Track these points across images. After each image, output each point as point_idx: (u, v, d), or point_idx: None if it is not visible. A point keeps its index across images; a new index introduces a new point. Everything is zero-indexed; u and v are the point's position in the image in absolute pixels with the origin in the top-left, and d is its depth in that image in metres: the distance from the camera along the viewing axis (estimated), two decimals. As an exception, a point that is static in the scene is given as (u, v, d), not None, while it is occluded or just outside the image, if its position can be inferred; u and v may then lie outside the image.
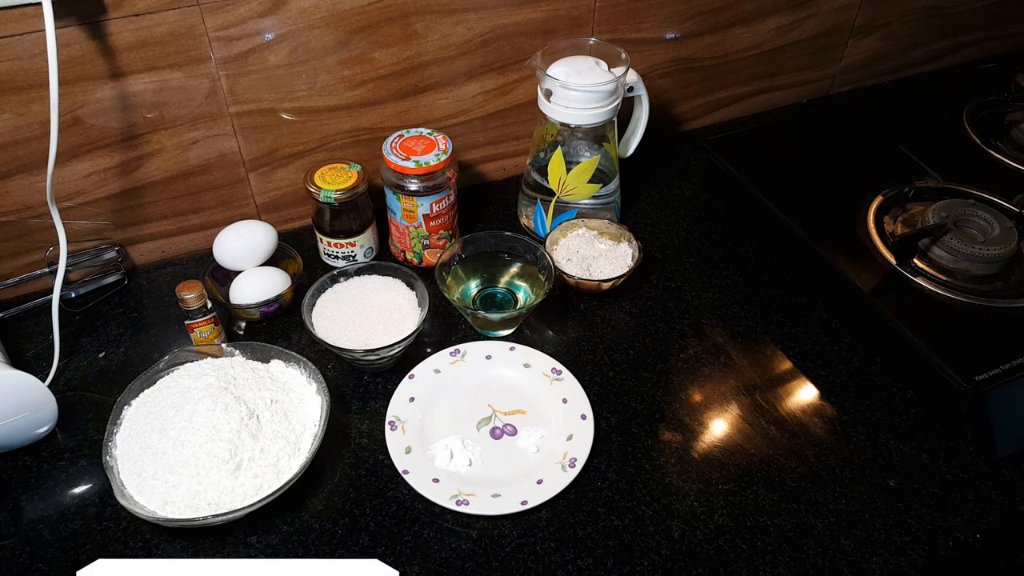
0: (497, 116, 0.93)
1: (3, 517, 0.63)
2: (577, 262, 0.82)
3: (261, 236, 0.80)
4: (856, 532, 0.63)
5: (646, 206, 0.96)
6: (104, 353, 0.76)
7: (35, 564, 0.60)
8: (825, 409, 0.72)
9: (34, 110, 0.70)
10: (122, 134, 0.76)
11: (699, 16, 0.96)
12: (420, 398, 0.71)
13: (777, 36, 1.04)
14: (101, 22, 0.68)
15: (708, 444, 0.69)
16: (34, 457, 0.67)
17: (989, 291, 0.77)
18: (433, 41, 0.83)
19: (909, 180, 0.87)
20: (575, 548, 0.62)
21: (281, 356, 0.71)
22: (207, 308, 0.72)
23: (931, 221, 0.80)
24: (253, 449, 0.63)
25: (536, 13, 0.86)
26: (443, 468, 0.66)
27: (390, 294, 0.76)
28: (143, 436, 0.63)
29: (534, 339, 0.78)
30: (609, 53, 0.82)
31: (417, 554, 0.61)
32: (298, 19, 0.76)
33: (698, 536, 0.63)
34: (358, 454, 0.68)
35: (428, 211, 0.80)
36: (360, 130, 0.87)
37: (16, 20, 0.65)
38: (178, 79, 0.74)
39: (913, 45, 1.17)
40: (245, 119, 0.80)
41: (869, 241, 0.82)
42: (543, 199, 0.87)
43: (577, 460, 0.66)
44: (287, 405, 0.67)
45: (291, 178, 0.87)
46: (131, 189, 0.80)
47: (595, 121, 0.80)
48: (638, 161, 0.93)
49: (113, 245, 0.82)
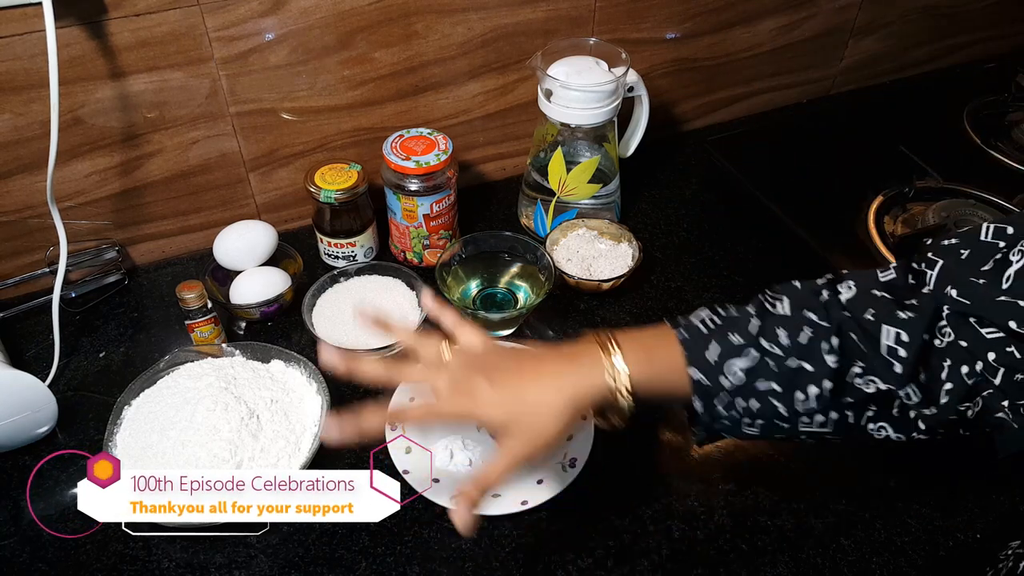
0: (497, 116, 0.93)
1: (3, 517, 0.63)
2: (577, 262, 0.82)
3: (261, 236, 0.80)
4: (856, 532, 0.63)
5: (646, 206, 0.96)
6: (104, 353, 0.76)
7: (35, 564, 0.60)
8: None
9: (34, 110, 0.70)
10: (122, 134, 0.76)
11: (699, 16, 0.96)
12: (420, 398, 0.71)
13: (777, 36, 1.04)
14: (101, 22, 0.68)
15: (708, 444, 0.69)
16: (34, 457, 0.67)
17: (989, 291, 0.77)
18: (433, 41, 0.83)
19: (909, 180, 0.87)
20: (575, 548, 0.62)
21: (281, 356, 0.71)
22: (207, 308, 0.72)
23: (931, 221, 0.80)
24: (253, 449, 0.63)
25: (536, 13, 0.86)
26: (443, 468, 0.66)
27: (390, 294, 0.76)
28: (143, 436, 0.63)
29: (534, 339, 0.78)
30: (609, 53, 0.82)
31: (417, 554, 0.61)
32: (298, 19, 0.76)
33: (698, 536, 0.63)
34: (358, 454, 0.68)
35: (428, 211, 0.80)
36: (360, 130, 0.87)
37: (16, 20, 0.65)
38: (178, 79, 0.74)
39: (913, 45, 1.17)
40: (245, 119, 0.80)
41: (869, 241, 0.82)
42: (543, 199, 0.87)
43: (577, 460, 0.66)
44: (287, 405, 0.67)
45: (291, 178, 0.87)
46: (131, 189, 0.80)
47: (595, 121, 0.80)
48: (638, 161, 0.93)
49: (113, 245, 0.82)
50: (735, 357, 0.51)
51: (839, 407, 0.51)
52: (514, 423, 0.52)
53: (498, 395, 0.52)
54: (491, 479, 0.51)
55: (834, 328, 0.50)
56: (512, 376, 0.53)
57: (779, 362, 0.50)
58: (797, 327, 0.51)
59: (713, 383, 0.51)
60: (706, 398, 0.52)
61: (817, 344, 0.50)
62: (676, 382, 0.52)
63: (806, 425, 0.51)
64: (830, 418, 0.51)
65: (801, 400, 0.50)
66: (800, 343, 0.50)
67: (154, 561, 0.60)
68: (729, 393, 0.51)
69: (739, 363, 0.51)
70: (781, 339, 0.51)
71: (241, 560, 0.60)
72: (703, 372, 0.51)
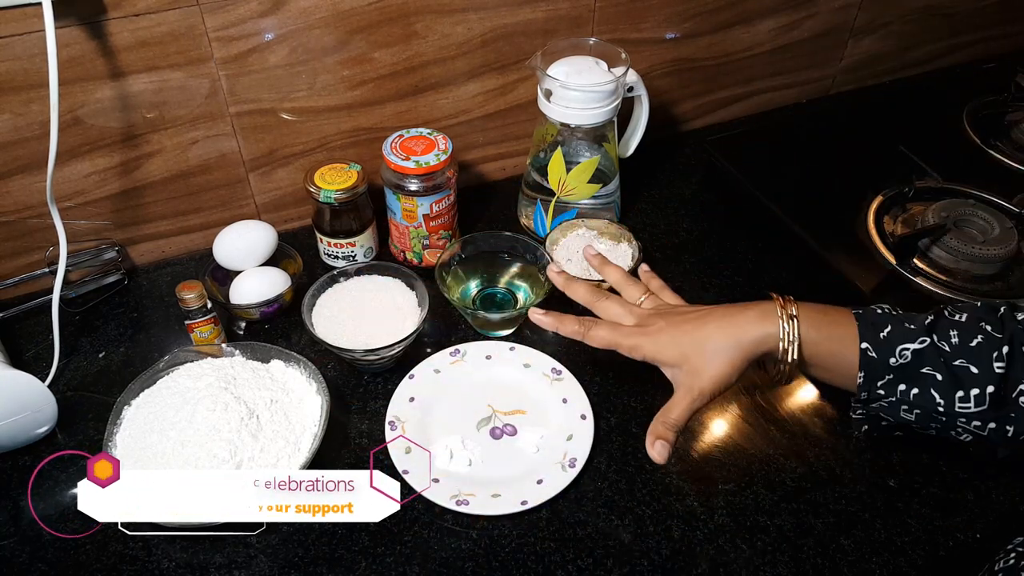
0: (497, 116, 0.93)
1: (3, 517, 0.63)
2: (577, 262, 0.82)
3: (261, 236, 0.80)
4: (856, 532, 0.63)
5: (646, 206, 0.96)
6: (104, 353, 0.76)
7: (35, 564, 0.60)
8: (825, 409, 0.72)
9: (34, 110, 0.70)
10: (122, 134, 0.76)
11: (699, 16, 0.96)
12: (420, 398, 0.71)
13: (777, 36, 1.04)
14: (101, 22, 0.68)
15: (708, 444, 0.69)
16: (34, 457, 0.67)
17: (989, 291, 0.77)
18: (433, 41, 0.83)
19: (909, 180, 0.87)
20: (575, 548, 0.62)
21: (281, 356, 0.71)
22: (207, 308, 0.72)
23: (931, 221, 0.80)
24: (253, 449, 0.63)
25: (536, 13, 0.86)
26: (443, 468, 0.66)
27: (390, 294, 0.76)
28: (143, 436, 0.63)
29: (534, 339, 0.78)
30: (609, 53, 0.82)
31: (417, 554, 0.61)
32: (298, 19, 0.76)
33: (698, 536, 0.63)
34: (358, 454, 0.68)
35: (428, 211, 0.80)
36: (360, 130, 0.87)
37: (16, 20, 0.65)
38: (178, 79, 0.74)
39: (913, 45, 1.17)
40: (245, 119, 0.80)
41: (869, 241, 0.82)
42: (543, 199, 0.87)
43: (577, 460, 0.66)
44: (287, 405, 0.67)
45: (291, 178, 0.87)
46: (131, 189, 0.80)
47: (595, 121, 0.80)
48: (638, 161, 0.93)
49: (113, 245, 0.82)
50: (907, 341, 0.54)
51: (998, 416, 0.52)
52: (685, 362, 0.57)
53: (674, 336, 0.58)
54: (676, 416, 0.57)
55: (1006, 338, 0.52)
56: (689, 321, 0.59)
57: (947, 357, 0.53)
58: (970, 333, 0.53)
59: (881, 359, 0.54)
60: (871, 373, 0.54)
61: (987, 350, 0.52)
62: (843, 352, 0.55)
63: (963, 424, 0.53)
64: (987, 424, 0.53)
65: (960, 398, 0.52)
66: (970, 346, 0.53)
67: (154, 561, 0.60)
68: (893, 372, 0.54)
69: (909, 346, 0.53)
70: (952, 339, 0.53)
71: (241, 560, 0.60)
72: (874, 347, 0.54)
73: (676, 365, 0.58)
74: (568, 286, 0.68)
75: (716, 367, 0.56)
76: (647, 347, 0.59)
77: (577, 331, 0.63)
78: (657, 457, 0.56)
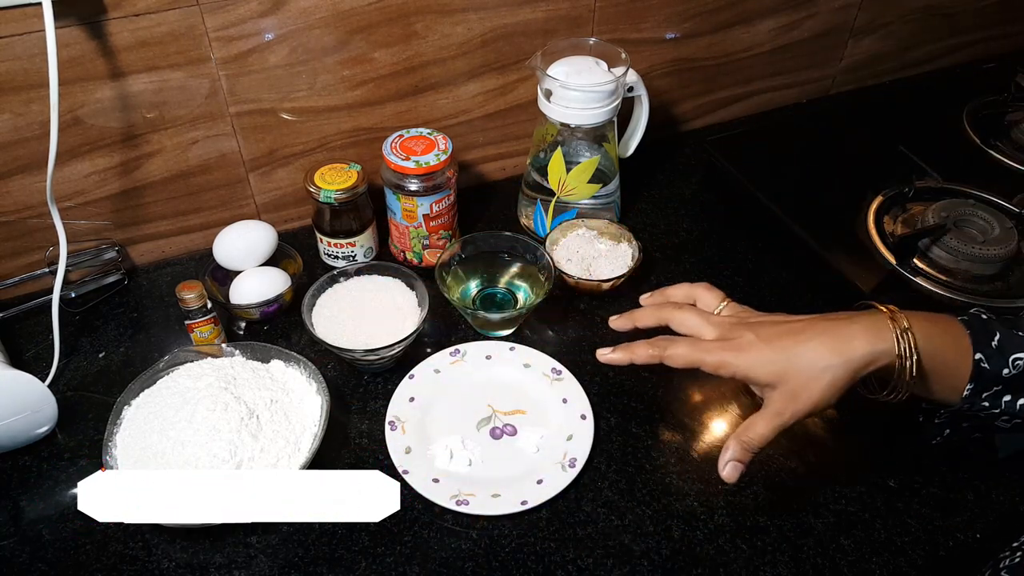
0: (497, 116, 0.93)
1: (3, 517, 0.63)
2: (577, 262, 0.82)
3: (261, 236, 0.80)
4: (856, 532, 0.63)
5: (646, 206, 0.96)
6: (104, 353, 0.76)
7: (35, 564, 0.60)
8: (825, 409, 0.72)
9: (34, 110, 0.70)
10: (122, 134, 0.76)
11: (699, 16, 0.96)
12: (420, 398, 0.71)
13: (777, 36, 1.04)
14: (101, 22, 0.68)
15: (708, 444, 0.69)
16: (34, 457, 0.67)
17: (989, 291, 0.77)
18: (433, 41, 0.83)
19: (909, 180, 0.87)
20: (575, 548, 0.62)
21: (281, 356, 0.71)
22: (207, 308, 0.72)
23: (931, 221, 0.80)
24: (253, 449, 0.63)
25: (536, 13, 0.86)
26: (443, 468, 0.66)
27: (390, 294, 0.76)
28: (143, 436, 0.63)
29: (534, 339, 0.78)
30: (609, 53, 0.82)
31: (417, 554, 0.61)
32: (298, 19, 0.76)
33: (698, 536, 0.63)
34: (358, 454, 0.68)
35: (428, 211, 0.80)
36: (360, 130, 0.87)
37: (16, 20, 0.65)
38: (178, 79, 0.74)
39: (913, 45, 1.17)
40: (245, 119, 0.80)
41: (869, 241, 0.82)
42: (543, 199, 0.87)
43: (577, 460, 0.66)
44: (287, 405, 0.67)
45: (291, 178, 0.87)
46: (131, 189, 0.80)
47: (595, 121, 0.80)
48: (638, 161, 0.93)
49: (113, 245, 0.82)
50: (1019, 351, 0.51)
51: None
52: (783, 383, 0.52)
53: (766, 353, 0.52)
54: (758, 440, 0.52)
55: None
56: (783, 334, 0.53)
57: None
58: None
59: (993, 370, 0.51)
60: (980, 385, 0.51)
61: None
62: (956, 363, 0.52)
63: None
64: None
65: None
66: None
67: (154, 561, 0.60)
68: (1003, 383, 0.51)
69: (1022, 355, 0.51)
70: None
71: (241, 560, 0.60)
72: (987, 358, 0.51)
73: (771, 385, 0.53)
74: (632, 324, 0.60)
75: (818, 389, 0.51)
76: (736, 364, 0.53)
77: (652, 355, 0.56)
78: (728, 479, 0.53)
